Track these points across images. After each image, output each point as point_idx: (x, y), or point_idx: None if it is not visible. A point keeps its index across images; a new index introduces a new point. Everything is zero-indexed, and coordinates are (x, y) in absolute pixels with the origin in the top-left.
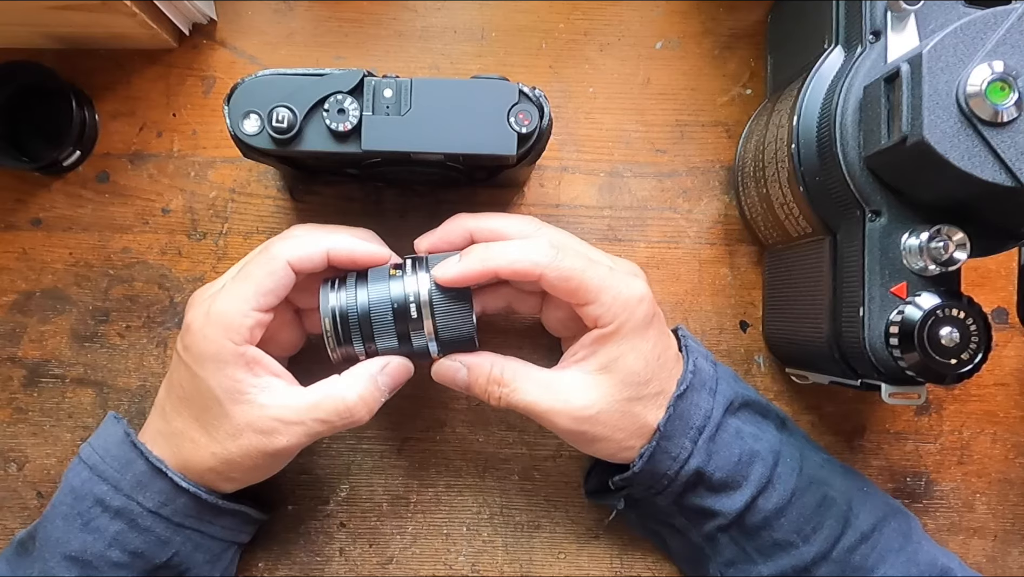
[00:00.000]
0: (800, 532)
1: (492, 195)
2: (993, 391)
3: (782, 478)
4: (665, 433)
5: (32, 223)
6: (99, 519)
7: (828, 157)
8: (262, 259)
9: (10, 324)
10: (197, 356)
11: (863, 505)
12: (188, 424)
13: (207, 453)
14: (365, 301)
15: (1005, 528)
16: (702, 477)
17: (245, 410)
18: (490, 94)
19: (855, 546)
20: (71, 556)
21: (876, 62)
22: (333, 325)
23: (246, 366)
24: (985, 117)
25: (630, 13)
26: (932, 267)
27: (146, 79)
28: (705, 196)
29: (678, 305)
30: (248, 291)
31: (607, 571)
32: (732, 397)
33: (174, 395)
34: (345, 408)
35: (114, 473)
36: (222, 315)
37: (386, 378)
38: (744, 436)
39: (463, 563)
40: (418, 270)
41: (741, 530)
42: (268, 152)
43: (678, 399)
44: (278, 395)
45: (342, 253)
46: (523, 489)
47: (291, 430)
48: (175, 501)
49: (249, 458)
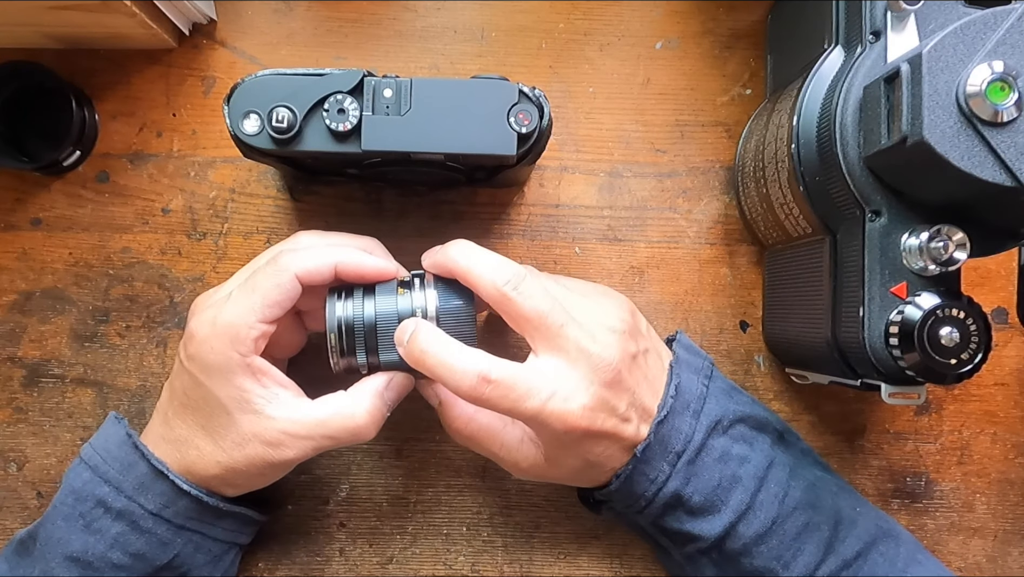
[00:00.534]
0: (780, 559)
1: (492, 195)
2: (993, 391)
3: (764, 505)
4: (642, 458)
5: (32, 223)
6: (101, 520)
7: (828, 157)
8: (270, 271)
9: (10, 324)
10: (203, 366)
11: (851, 530)
12: (193, 431)
13: (212, 461)
14: (372, 314)
15: (1005, 528)
16: (680, 500)
17: (253, 420)
18: (490, 94)
19: (836, 574)
20: (72, 557)
21: (876, 62)
22: (338, 337)
23: (253, 376)
24: (985, 117)
25: (630, 13)
26: (932, 267)
27: (146, 79)
28: (705, 196)
29: (678, 305)
30: (255, 303)
31: (607, 571)
32: (720, 416)
33: (177, 401)
34: (355, 426)
35: (116, 475)
36: (228, 326)
37: (391, 394)
38: (729, 460)
39: (463, 563)
40: (426, 287)
41: (721, 555)
42: (268, 152)
43: (659, 425)
44: (287, 408)
45: (350, 268)
46: (523, 489)
47: (299, 444)
48: (176, 503)
49: (254, 467)
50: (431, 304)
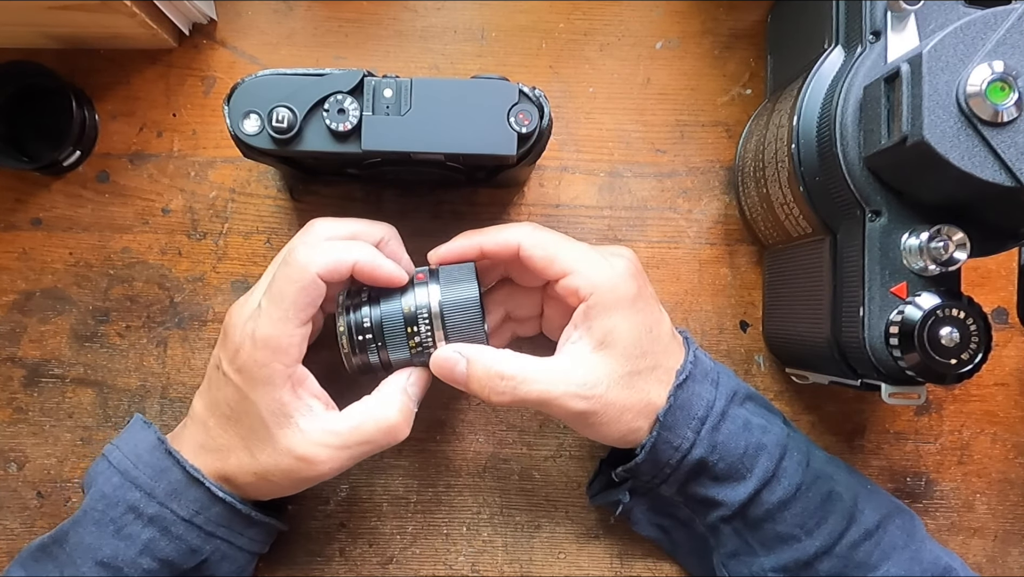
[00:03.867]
0: (803, 526)
1: (492, 195)
2: (993, 391)
3: (788, 472)
4: (665, 423)
5: (32, 223)
6: (131, 526)
7: (828, 157)
8: (292, 273)
9: (10, 324)
10: (250, 379)
11: (868, 502)
12: (234, 441)
13: (249, 471)
14: (379, 313)
15: (1005, 528)
16: (705, 466)
17: (288, 435)
18: (490, 94)
19: (859, 542)
20: (102, 562)
21: (876, 62)
22: (349, 339)
23: (292, 389)
24: (985, 117)
25: (630, 13)
26: (932, 267)
27: (146, 79)
28: (705, 196)
29: (678, 305)
30: (288, 311)
31: (607, 571)
32: (735, 389)
33: (219, 413)
34: (388, 425)
35: (147, 480)
36: (269, 339)
37: (415, 389)
38: (752, 428)
39: (463, 563)
40: (429, 283)
41: (744, 522)
42: (268, 152)
43: (678, 388)
44: (319, 419)
45: (366, 270)
46: (523, 489)
47: (334, 456)
48: (209, 510)
49: (288, 480)
50: (434, 299)
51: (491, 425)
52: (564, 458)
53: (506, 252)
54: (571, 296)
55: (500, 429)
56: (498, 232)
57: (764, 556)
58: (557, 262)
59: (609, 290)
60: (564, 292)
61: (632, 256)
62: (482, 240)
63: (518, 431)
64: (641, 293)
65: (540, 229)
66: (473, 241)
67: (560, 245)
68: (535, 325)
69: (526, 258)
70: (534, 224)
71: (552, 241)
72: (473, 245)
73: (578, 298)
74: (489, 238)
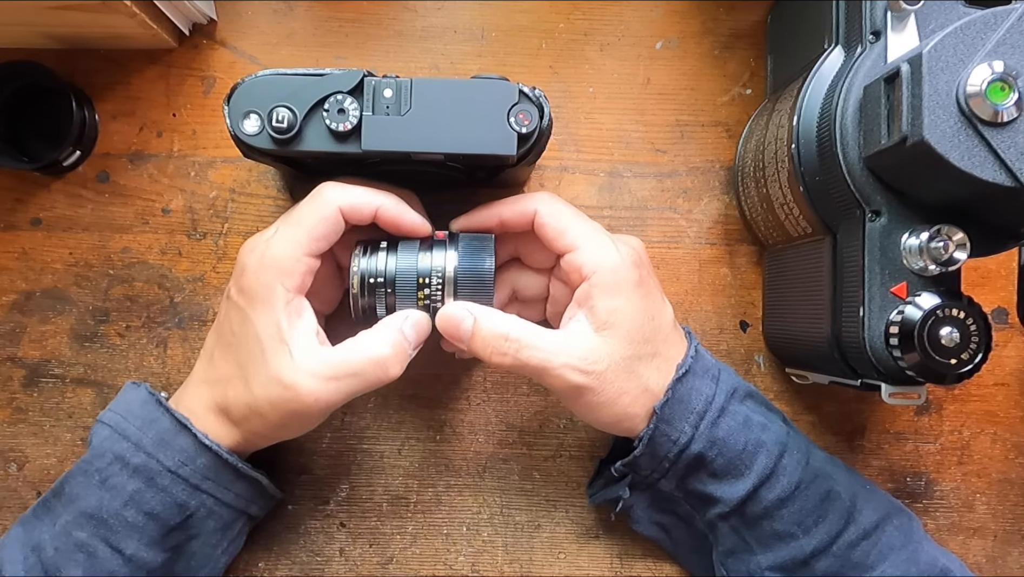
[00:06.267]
0: (801, 524)
1: (492, 195)
2: (993, 391)
3: (787, 470)
4: (663, 416)
5: (32, 223)
6: (117, 476)
7: (828, 157)
8: (315, 204)
9: (10, 324)
10: (251, 297)
11: (867, 502)
12: (232, 369)
13: (243, 403)
14: (393, 268)
15: (1005, 528)
16: (704, 462)
17: (279, 361)
18: (490, 94)
19: (856, 542)
20: (87, 513)
21: (876, 62)
22: (360, 286)
23: (288, 316)
24: (985, 117)
25: (630, 13)
26: (932, 267)
27: (146, 79)
28: (705, 196)
29: (678, 305)
30: (301, 236)
31: (607, 571)
32: (735, 386)
33: (223, 342)
34: (379, 357)
35: (136, 431)
36: (276, 259)
37: (411, 330)
38: (752, 425)
39: (463, 563)
40: (448, 247)
41: (742, 519)
42: (268, 152)
43: (677, 382)
44: (311, 350)
45: (390, 214)
46: (523, 489)
47: (323, 387)
48: (195, 461)
49: (277, 413)
50: (450, 263)
51: (491, 425)
52: (564, 458)
53: (523, 220)
54: (575, 272)
55: (500, 429)
56: (516, 201)
57: (761, 554)
58: (567, 235)
59: (612, 271)
60: (568, 268)
61: (640, 245)
62: (501, 209)
63: (518, 431)
64: (644, 281)
65: (557, 200)
66: (492, 211)
67: (573, 219)
68: (540, 310)
69: (539, 226)
70: (552, 194)
71: (566, 214)
72: (492, 214)
73: (581, 276)
74: (508, 207)
